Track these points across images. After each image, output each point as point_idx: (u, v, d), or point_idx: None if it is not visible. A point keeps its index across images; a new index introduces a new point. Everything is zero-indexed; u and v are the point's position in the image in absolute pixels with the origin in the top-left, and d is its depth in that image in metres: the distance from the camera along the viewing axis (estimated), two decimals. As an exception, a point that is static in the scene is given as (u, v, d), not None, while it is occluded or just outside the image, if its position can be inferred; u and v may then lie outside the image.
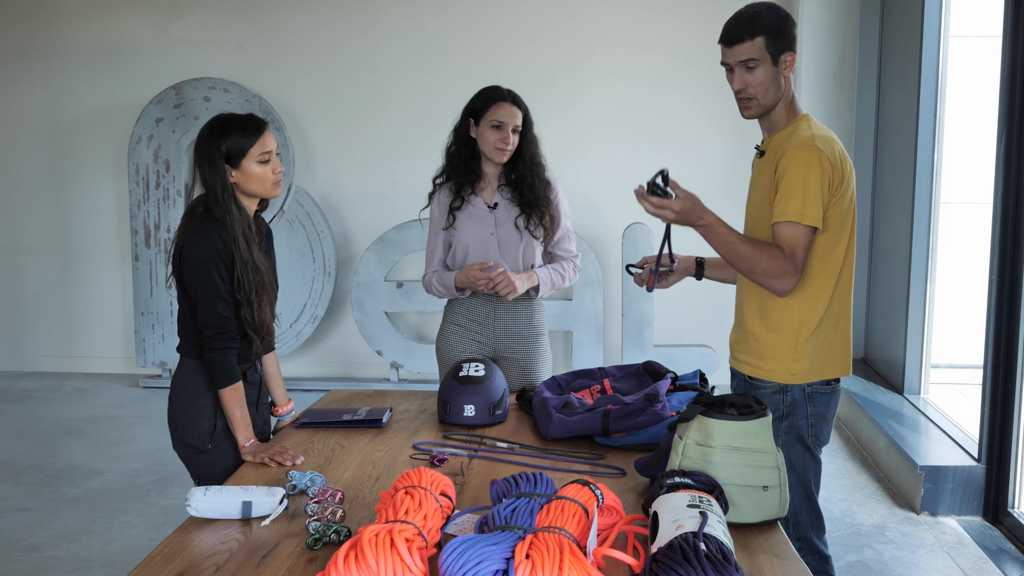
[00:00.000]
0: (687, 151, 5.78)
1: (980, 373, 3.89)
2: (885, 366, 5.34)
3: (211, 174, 2.29)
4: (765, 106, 2.29)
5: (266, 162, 2.33)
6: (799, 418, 2.30)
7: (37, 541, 3.62)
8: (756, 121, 2.39)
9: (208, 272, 2.27)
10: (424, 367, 5.67)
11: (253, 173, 2.33)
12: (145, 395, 5.75)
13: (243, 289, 2.32)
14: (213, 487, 1.89)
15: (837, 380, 2.34)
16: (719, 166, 5.73)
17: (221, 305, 2.29)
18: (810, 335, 2.28)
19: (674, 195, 2.19)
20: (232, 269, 2.30)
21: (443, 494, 1.75)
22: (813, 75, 5.46)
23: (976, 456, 3.90)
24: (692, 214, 2.20)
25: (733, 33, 2.27)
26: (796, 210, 2.18)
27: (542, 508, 1.62)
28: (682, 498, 1.61)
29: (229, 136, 2.29)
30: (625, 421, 2.25)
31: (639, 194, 2.19)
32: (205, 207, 2.32)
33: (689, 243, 2.63)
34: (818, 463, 2.36)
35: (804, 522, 2.34)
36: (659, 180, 2.19)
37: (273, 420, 2.61)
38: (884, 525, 3.78)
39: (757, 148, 2.38)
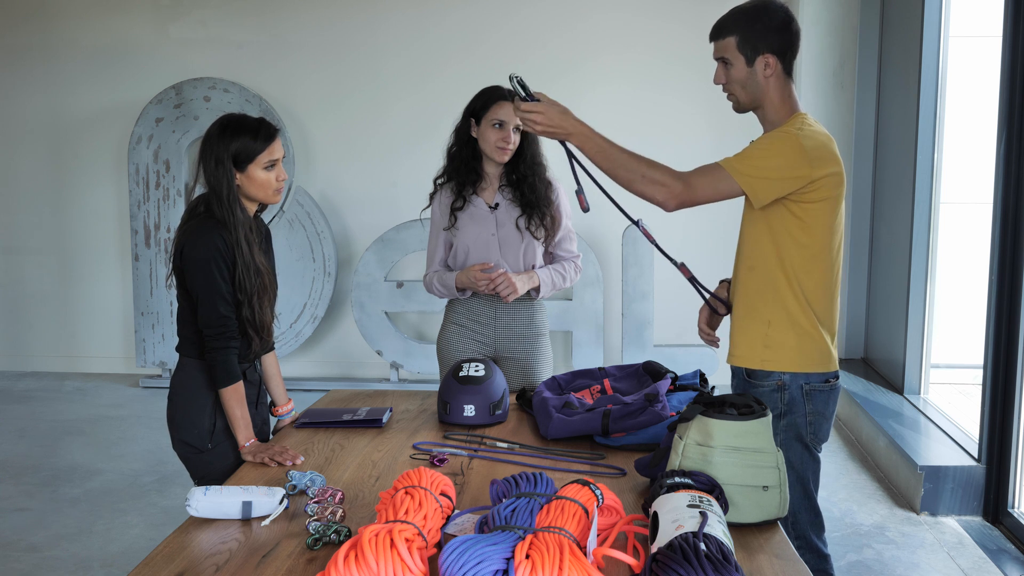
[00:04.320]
0: (686, 153, 5.75)
1: (980, 373, 3.89)
2: (885, 366, 5.34)
3: (217, 174, 2.29)
4: (744, 103, 2.33)
5: (271, 169, 2.33)
6: (797, 416, 2.30)
7: (37, 541, 3.62)
8: (754, 121, 2.39)
9: (209, 271, 2.27)
10: (424, 367, 5.67)
11: (257, 179, 2.32)
12: (145, 395, 5.75)
13: (244, 290, 2.32)
14: (213, 487, 1.89)
15: (836, 377, 2.34)
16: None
17: (222, 304, 2.29)
18: (783, 323, 2.27)
19: (537, 99, 2.25)
20: (234, 270, 2.30)
21: (443, 494, 1.75)
22: (813, 75, 5.46)
23: (976, 456, 3.90)
24: (561, 122, 2.23)
25: (713, 28, 2.32)
26: (735, 164, 2.20)
27: (542, 508, 1.62)
28: (682, 498, 1.61)
29: (240, 138, 2.29)
30: (625, 421, 2.25)
31: (516, 107, 2.26)
32: (206, 206, 2.32)
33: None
34: (817, 462, 2.36)
35: (803, 520, 2.34)
36: (516, 84, 2.25)
37: (273, 420, 2.61)
38: (884, 525, 3.78)
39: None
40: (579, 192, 2.38)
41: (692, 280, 2.46)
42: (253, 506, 1.85)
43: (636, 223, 2.45)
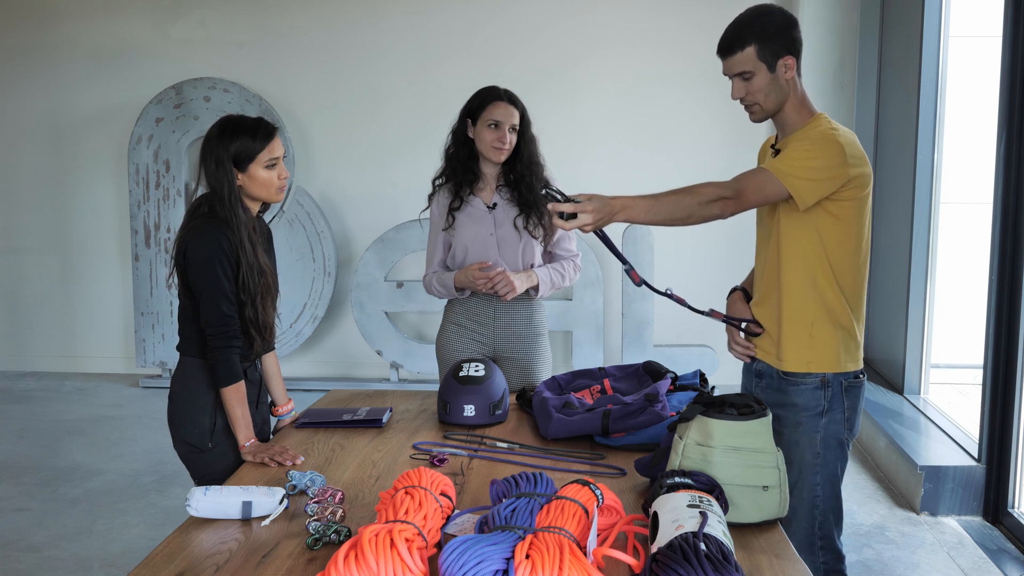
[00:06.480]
0: (687, 151, 5.79)
1: (980, 373, 3.89)
2: (885, 366, 5.34)
3: (218, 175, 2.29)
4: (768, 111, 2.30)
5: (272, 167, 2.34)
6: (837, 412, 2.30)
7: (37, 541, 3.62)
8: (758, 121, 2.39)
9: (212, 270, 2.27)
10: (424, 367, 5.67)
11: (259, 178, 2.33)
12: (145, 395, 5.75)
13: (248, 291, 2.32)
14: (213, 487, 1.89)
15: (863, 373, 2.35)
16: (720, 166, 5.72)
17: (225, 304, 2.29)
18: (825, 323, 2.27)
19: (577, 200, 2.11)
20: (237, 270, 2.30)
21: (443, 494, 1.75)
22: (813, 75, 5.46)
23: (976, 456, 3.90)
24: (607, 208, 2.12)
25: (725, 44, 2.28)
26: (779, 166, 2.18)
27: (542, 508, 1.62)
28: (682, 498, 1.61)
29: (239, 139, 2.29)
30: (625, 421, 2.25)
31: (553, 211, 2.11)
32: (209, 207, 2.32)
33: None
34: (846, 459, 2.37)
35: (830, 520, 2.34)
36: (553, 191, 2.12)
37: (273, 420, 2.61)
38: (884, 525, 3.78)
39: (773, 147, 2.37)
40: (629, 270, 2.27)
41: (727, 320, 2.44)
42: (253, 506, 1.85)
43: (666, 293, 2.37)
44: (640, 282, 2.26)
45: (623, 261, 2.27)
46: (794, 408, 2.29)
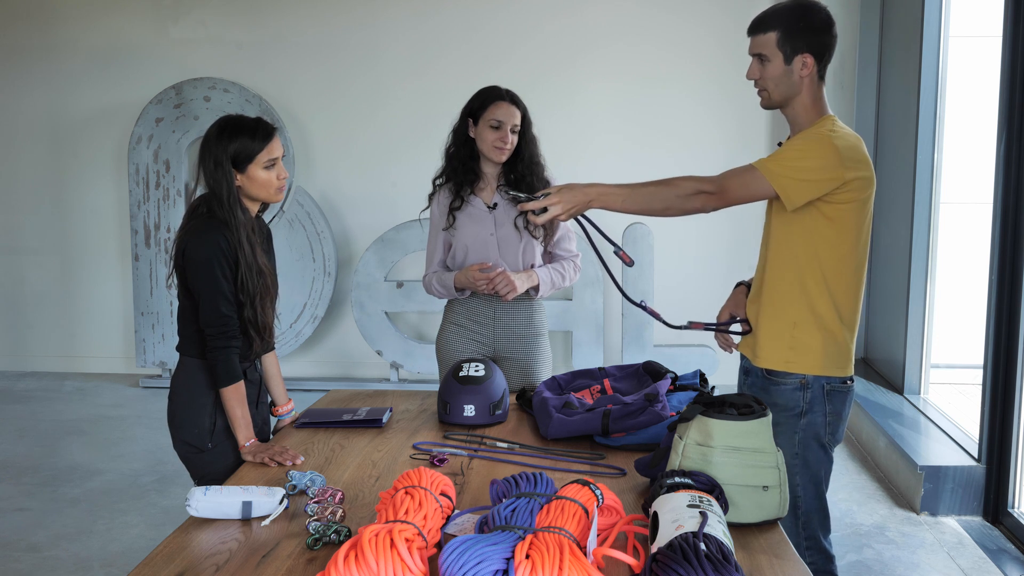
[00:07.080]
0: (688, 150, 5.78)
1: (980, 373, 3.89)
2: (885, 366, 5.34)
3: (216, 176, 2.29)
4: (775, 101, 2.30)
5: (271, 167, 2.33)
6: (817, 415, 2.29)
7: (37, 541, 3.62)
8: (759, 121, 2.39)
9: (211, 270, 2.27)
10: (424, 367, 5.67)
11: (258, 178, 2.32)
12: (145, 395, 5.75)
13: (247, 291, 2.32)
14: (213, 487, 1.89)
15: (852, 379, 2.34)
16: (720, 166, 5.69)
17: (224, 304, 2.29)
18: (809, 325, 2.27)
19: (544, 194, 2.20)
20: (236, 270, 2.30)
21: (443, 494, 1.75)
22: (813, 75, 5.45)
23: (976, 456, 3.90)
24: (579, 196, 2.17)
25: (754, 23, 2.29)
26: (769, 165, 2.18)
27: (542, 508, 1.62)
28: (682, 498, 1.61)
29: (238, 139, 2.29)
30: (625, 421, 2.25)
31: (523, 209, 2.21)
32: (208, 207, 2.32)
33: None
34: (831, 462, 2.36)
35: (815, 521, 2.33)
36: (516, 193, 2.20)
37: (273, 420, 2.61)
38: (884, 525, 3.78)
39: (780, 144, 2.37)
40: (618, 251, 2.32)
41: (707, 327, 2.44)
42: (253, 506, 1.85)
43: (640, 305, 2.42)
44: (631, 262, 2.29)
45: (611, 243, 2.30)
46: (774, 407, 2.28)
